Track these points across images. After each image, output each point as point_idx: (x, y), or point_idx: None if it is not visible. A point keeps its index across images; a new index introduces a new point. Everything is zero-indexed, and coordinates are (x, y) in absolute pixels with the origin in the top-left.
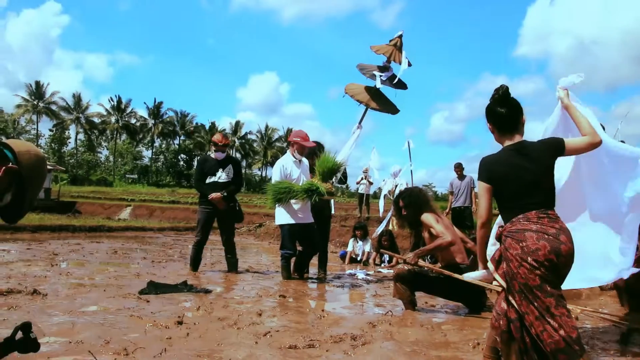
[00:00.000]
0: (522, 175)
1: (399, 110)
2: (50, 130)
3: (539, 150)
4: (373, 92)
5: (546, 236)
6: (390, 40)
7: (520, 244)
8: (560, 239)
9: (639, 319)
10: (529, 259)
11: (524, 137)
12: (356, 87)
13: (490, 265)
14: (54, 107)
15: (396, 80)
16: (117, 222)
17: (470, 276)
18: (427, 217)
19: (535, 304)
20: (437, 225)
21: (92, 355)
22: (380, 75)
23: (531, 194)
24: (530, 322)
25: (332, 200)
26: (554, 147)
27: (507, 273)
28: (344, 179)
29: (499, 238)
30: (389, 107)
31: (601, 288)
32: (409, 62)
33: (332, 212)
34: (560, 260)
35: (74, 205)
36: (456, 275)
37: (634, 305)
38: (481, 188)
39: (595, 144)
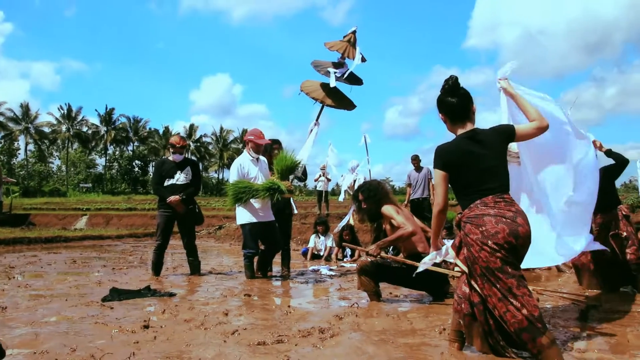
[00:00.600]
0: (477, 162)
1: (355, 106)
2: None
3: (492, 137)
4: (328, 89)
5: (504, 219)
6: (344, 37)
7: (480, 229)
8: (517, 221)
9: (595, 296)
10: (490, 242)
11: (475, 126)
12: (311, 85)
13: (451, 251)
14: (1, 119)
15: (351, 76)
16: (73, 232)
17: (426, 261)
18: (387, 209)
19: (498, 285)
20: (398, 216)
21: None
22: (335, 72)
23: (487, 180)
24: (494, 304)
25: (292, 200)
26: (506, 134)
27: (468, 258)
28: (303, 177)
29: (458, 224)
30: (344, 104)
31: (558, 269)
32: (363, 57)
33: (295, 211)
34: (518, 242)
35: (27, 217)
36: (418, 264)
37: (589, 282)
38: (437, 176)
39: (543, 129)
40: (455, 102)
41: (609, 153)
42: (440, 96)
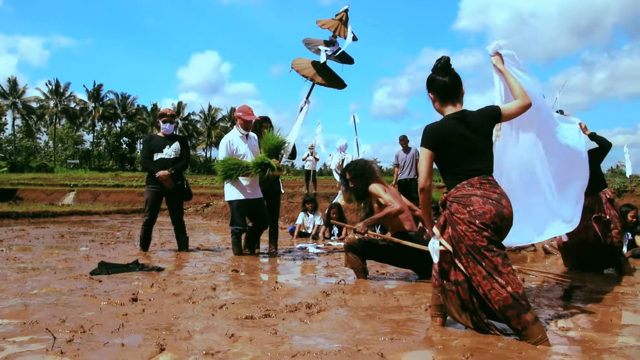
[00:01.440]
0: (465, 143)
1: (345, 85)
2: None
3: (479, 118)
4: (319, 67)
5: (490, 200)
6: (336, 15)
7: (467, 208)
8: (502, 203)
9: (580, 277)
10: (477, 221)
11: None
12: (303, 62)
13: (435, 230)
14: None
15: (343, 54)
16: (61, 208)
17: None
18: (374, 187)
19: (483, 263)
20: (385, 194)
21: (49, 332)
22: (326, 50)
23: (473, 161)
24: (478, 282)
25: (279, 179)
26: (492, 115)
27: (452, 237)
28: (292, 156)
29: (443, 204)
30: (335, 82)
31: (545, 251)
32: (354, 36)
33: (282, 191)
34: (503, 223)
35: (14, 192)
36: (405, 242)
37: (574, 264)
38: (423, 154)
39: (526, 106)
40: (446, 81)
41: (593, 136)
42: (432, 75)
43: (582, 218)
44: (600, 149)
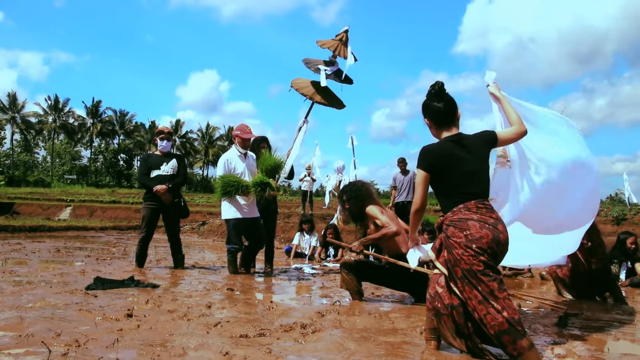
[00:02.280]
0: (461, 166)
1: (344, 105)
2: None
3: (476, 142)
4: (318, 87)
5: (487, 225)
6: (336, 35)
7: (464, 232)
8: (498, 228)
9: (577, 305)
10: (474, 246)
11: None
12: (302, 82)
13: (431, 253)
14: None
15: (342, 75)
16: (57, 222)
17: (413, 257)
18: (371, 209)
19: (479, 288)
20: (382, 216)
21: (45, 345)
22: (326, 70)
23: (469, 184)
24: (474, 306)
25: (276, 198)
26: (489, 139)
27: (449, 260)
28: (290, 176)
29: (439, 227)
30: (334, 102)
31: (542, 277)
32: (354, 57)
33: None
34: (499, 248)
35: (11, 206)
36: (401, 263)
37: (569, 292)
38: (419, 176)
39: (522, 133)
40: (441, 107)
41: None
42: (426, 101)
43: None
44: None
